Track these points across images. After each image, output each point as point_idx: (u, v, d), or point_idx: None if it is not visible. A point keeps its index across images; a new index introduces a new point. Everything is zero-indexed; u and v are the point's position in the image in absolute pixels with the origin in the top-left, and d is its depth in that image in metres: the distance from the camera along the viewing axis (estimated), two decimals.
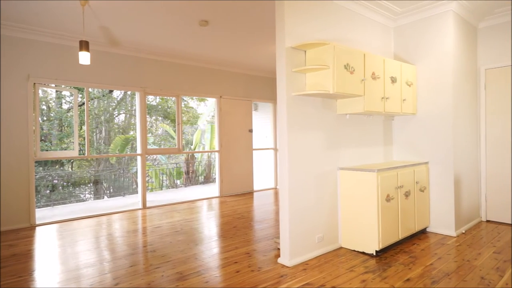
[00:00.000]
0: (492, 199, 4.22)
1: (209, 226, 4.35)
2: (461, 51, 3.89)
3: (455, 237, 3.64)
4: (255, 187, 7.31)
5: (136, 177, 8.55)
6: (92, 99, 10.27)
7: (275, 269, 2.84)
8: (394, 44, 4.19)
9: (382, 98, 3.39)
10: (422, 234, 3.77)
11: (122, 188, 9.22)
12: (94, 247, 3.54)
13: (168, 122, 11.79)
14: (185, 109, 12.19)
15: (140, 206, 5.60)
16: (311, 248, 3.11)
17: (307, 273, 2.74)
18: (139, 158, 5.64)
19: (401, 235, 3.36)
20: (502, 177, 4.13)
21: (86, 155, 5.22)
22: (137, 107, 5.63)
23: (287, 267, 2.88)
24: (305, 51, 3.08)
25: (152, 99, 11.37)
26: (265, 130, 8.40)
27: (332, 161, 3.36)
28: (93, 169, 10.21)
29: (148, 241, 3.73)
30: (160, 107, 11.72)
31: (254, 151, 7.25)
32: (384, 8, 3.80)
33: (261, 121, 8.59)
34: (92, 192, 9.51)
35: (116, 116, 11.43)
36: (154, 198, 6.75)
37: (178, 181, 9.86)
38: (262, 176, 8.11)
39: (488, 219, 4.26)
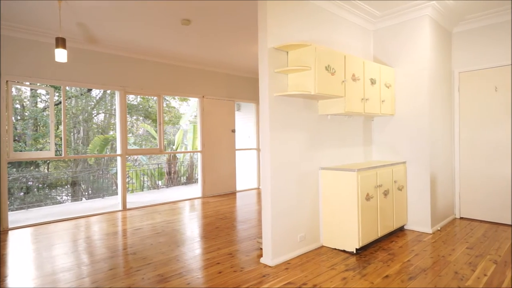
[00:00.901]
0: (465, 197, 4.40)
1: (191, 227, 4.31)
2: (437, 54, 4.04)
3: (431, 234, 3.77)
4: (238, 188, 7.30)
5: (116, 178, 8.36)
6: (69, 98, 9.96)
7: (258, 269, 2.85)
8: (374, 47, 4.29)
9: (362, 99, 3.47)
10: (400, 231, 3.89)
11: (101, 190, 8.98)
12: (71, 251, 3.44)
13: (150, 122, 11.59)
14: (167, 109, 12.02)
15: (120, 207, 5.48)
16: (293, 248, 3.14)
17: (289, 272, 2.76)
18: (119, 158, 5.52)
19: (380, 233, 3.45)
20: (474, 176, 4.31)
21: (63, 155, 5.06)
22: (117, 106, 5.50)
23: (270, 266, 2.89)
24: (287, 52, 3.11)
25: (132, 99, 11.15)
26: (248, 130, 8.41)
27: (314, 161, 3.41)
28: (71, 170, 9.89)
29: (128, 243, 3.66)
30: (141, 106, 11.50)
31: (237, 152, 7.24)
32: (364, 11, 3.89)
33: (244, 121, 8.59)
34: (70, 194, 9.21)
35: (95, 116, 11.13)
36: (134, 199, 6.62)
37: (160, 182, 9.71)
38: (245, 176, 8.12)
39: (461, 216, 4.44)
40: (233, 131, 7.09)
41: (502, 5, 3.83)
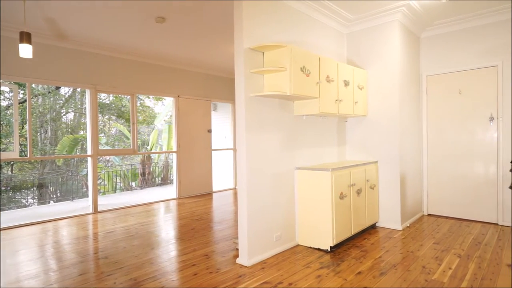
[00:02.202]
0: (432, 195, 4.62)
1: (166, 229, 4.23)
2: (406, 58, 4.21)
3: (401, 230, 3.92)
4: (214, 188, 7.25)
5: (87, 180, 8.04)
6: (36, 96, 9.46)
7: (234, 269, 2.84)
8: (347, 49, 4.40)
9: (336, 100, 3.55)
10: (372, 229, 4.01)
11: (70, 192, 8.61)
12: (37, 257, 3.27)
13: (123, 121, 11.25)
14: (140, 108, 11.72)
15: (90, 210, 5.27)
16: (269, 247, 3.16)
17: (265, 272, 2.78)
18: (89, 159, 5.31)
19: (353, 231, 3.54)
20: (440, 175, 4.54)
21: (28, 156, 4.80)
22: (88, 105, 5.29)
23: (246, 267, 2.89)
24: (263, 53, 3.13)
25: (104, 97, 10.77)
26: (225, 130, 8.37)
27: (290, 161, 3.45)
28: (37, 171, 9.40)
29: (99, 247, 3.53)
30: (113, 105, 11.13)
31: (213, 152, 7.18)
32: (338, 14, 3.98)
33: (220, 121, 8.54)
34: (36, 197, 8.75)
35: (64, 115, 10.64)
36: (106, 201, 6.40)
37: (133, 183, 9.44)
38: (222, 176, 8.07)
39: (429, 213, 4.66)
40: (210, 131, 7.03)
41: (464, 12, 4.05)
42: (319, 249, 3.30)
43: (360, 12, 3.98)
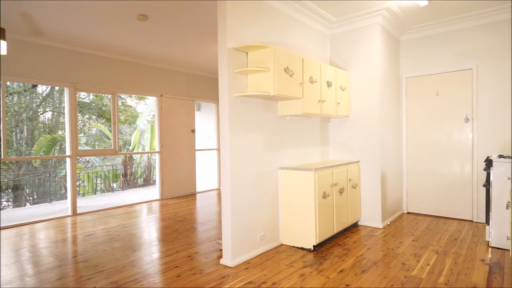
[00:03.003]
0: (411, 193, 4.76)
1: (148, 231, 4.16)
2: (387, 60, 4.32)
3: (381, 228, 4.02)
4: (198, 189, 7.19)
5: (65, 181, 7.80)
6: (10, 94, 9.09)
7: (217, 270, 2.83)
8: (330, 51, 4.47)
9: (319, 101, 3.59)
10: (354, 227, 4.09)
11: (48, 194, 8.32)
12: (13, 261, 3.14)
13: (103, 121, 10.98)
14: (122, 107, 11.48)
15: (69, 212, 5.12)
16: (253, 247, 3.16)
17: (249, 272, 2.78)
18: (68, 160, 5.15)
19: (336, 230, 3.60)
20: (419, 174, 4.68)
21: (2, 157, 4.61)
22: (66, 104, 5.14)
23: (230, 267, 2.89)
24: (247, 53, 3.13)
25: (84, 96, 10.48)
26: (208, 130, 8.32)
27: (273, 161, 3.46)
28: (12, 173, 9.04)
29: (78, 250, 3.43)
30: (94, 104, 10.85)
31: (197, 152, 7.12)
32: (321, 16, 4.03)
33: (204, 121, 8.49)
34: (11, 199, 8.41)
35: (41, 114, 10.29)
36: (86, 203, 6.23)
37: (115, 185, 9.23)
38: (206, 177, 8.02)
39: (408, 211, 4.79)
40: (193, 131, 6.97)
41: (441, 17, 4.19)
42: (302, 248, 3.33)
43: (343, 14, 4.05)
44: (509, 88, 3.98)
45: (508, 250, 3.15)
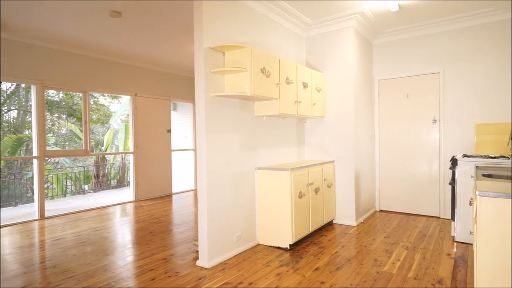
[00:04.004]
0: (383, 192, 4.93)
1: (122, 234, 4.04)
2: (360, 63, 4.44)
3: (355, 226, 4.13)
4: (174, 190, 7.08)
5: (32, 184, 7.41)
6: None
7: (194, 272, 2.80)
8: (306, 52, 4.54)
9: (295, 101, 3.64)
10: (329, 226, 4.18)
11: (13, 197, 7.88)
12: None
13: (74, 120, 10.54)
14: (94, 106, 11.07)
15: (37, 216, 4.88)
16: (230, 248, 3.15)
17: (225, 273, 2.77)
18: (35, 161, 4.91)
19: (311, 228, 3.66)
20: (390, 173, 4.85)
21: None
22: (33, 102, 4.89)
23: (206, 268, 2.86)
24: (224, 53, 3.12)
25: (54, 94, 10.02)
26: (185, 130, 8.20)
27: (250, 161, 3.47)
28: None
29: (46, 256, 3.27)
30: (64, 103, 10.40)
31: (173, 152, 7.00)
32: (298, 18, 4.09)
33: (181, 121, 8.36)
34: None
35: (6, 113, 9.72)
36: (55, 206, 5.96)
37: (86, 186, 8.89)
38: (182, 177, 7.90)
39: (381, 209, 4.96)
40: (169, 131, 6.85)
41: (412, 22, 4.37)
42: (279, 248, 3.36)
43: (318, 16, 4.12)
44: (471, 92, 4.21)
45: (471, 244, 3.33)
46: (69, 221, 4.69)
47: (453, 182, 3.47)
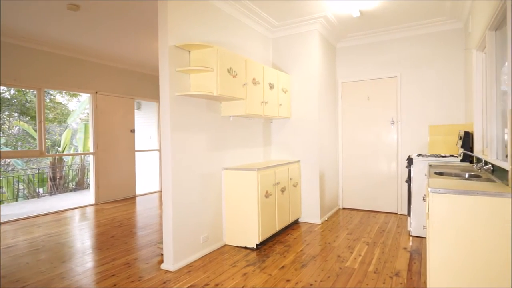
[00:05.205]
0: (346, 190, 5.12)
1: (81, 239, 3.84)
2: (325, 65, 4.58)
3: (320, 224, 4.25)
4: (138, 191, 6.84)
5: None
6: None
7: (158, 276, 2.73)
8: (272, 54, 4.60)
9: (262, 102, 3.67)
10: (295, 224, 4.26)
11: None
12: None
13: (27, 119, 9.83)
14: (50, 104, 10.40)
15: None
16: (196, 249, 3.11)
17: (191, 275, 2.73)
18: None
19: (278, 227, 3.71)
20: (352, 172, 5.05)
21: None
22: None
23: (171, 272, 2.80)
24: (190, 52, 3.07)
25: (4, 91, 9.26)
26: (150, 130, 7.97)
27: (217, 161, 3.45)
28: None
29: None
30: (15, 100, 9.66)
31: (137, 153, 6.77)
32: (265, 20, 4.13)
33: (145, 120, 8.11)
34: None
35: None
36: (6, 212, 5.51)
37: (41, 190, 8.33)
38: (147, 179, 7.66)
39: (344, 206, 5.15)
40: (133, 131, 6.61)
41: (372, 28, 4.59)
42: (245, 248, 3.37)
43: (284, 19, 4.19)
44: (426, 95, 4.51)
45: (425, 237, 3.57)
46: (22, 227, 4.36)
47: (409, 180, 3.69)
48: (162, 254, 3.15)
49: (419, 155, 3.76)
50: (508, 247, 1.58)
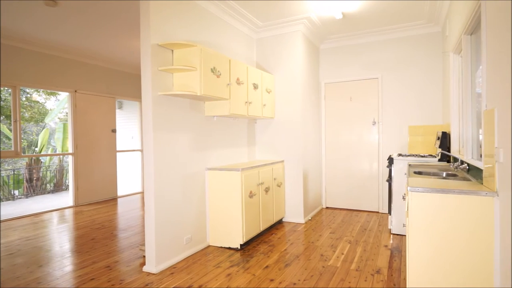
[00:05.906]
0: (329, 190, 5.19)
1: (59, 242, 3.71)
2: (308, 66, 4.63)
3: (304, 223, 4.29)
4: (120, 193, 6.70)
5: None
6: None
7: (140, 278, 2.67)
8: (256, 54, 4.60)
9: (246, 102, 3.67)
10: (279, 224, 4.28)
11: None
12: None
13: (2, 118, 9.42)
14: (27, 103, 10.02)
15: None
16: (179, 251, 3.07)
17: (174, 277, 2.69)
18: None
19: (262, 227, 3.72)
20: (335, 172, 5.13)
21: None
22: None
23: (154, 274, 2.75)
24: (173, 51, 3.03)
25: None
26: (132, 130, 7.81)
27: (200, 161, 3.42)
28: None
29: None
30: None
31: (118, 153, 6.62)
32: (249, 20, 4.13)
33: (127, 120, 7.95)
34: None
35: None
36: None
37: (17, 192, 8.01)
38: (128, 179, 7.51)
39: (327, 206, 5.21)
40: (114, 131, 6.46)
41: (354, 30, 4.67)
42: (229, 248, 3.36)
43: (268, 19, 4.20)
44: (405, 96, 4.63)
45: (405, 235, 3.66)
46: None
47: (390, 179, 3.78)
48: (144, 256, 3.09)
49: (400, 155, 3.86)
50: (484, 243, 1.64)
